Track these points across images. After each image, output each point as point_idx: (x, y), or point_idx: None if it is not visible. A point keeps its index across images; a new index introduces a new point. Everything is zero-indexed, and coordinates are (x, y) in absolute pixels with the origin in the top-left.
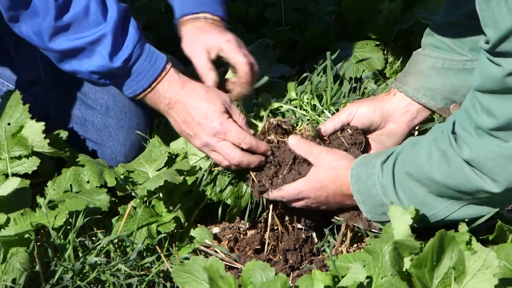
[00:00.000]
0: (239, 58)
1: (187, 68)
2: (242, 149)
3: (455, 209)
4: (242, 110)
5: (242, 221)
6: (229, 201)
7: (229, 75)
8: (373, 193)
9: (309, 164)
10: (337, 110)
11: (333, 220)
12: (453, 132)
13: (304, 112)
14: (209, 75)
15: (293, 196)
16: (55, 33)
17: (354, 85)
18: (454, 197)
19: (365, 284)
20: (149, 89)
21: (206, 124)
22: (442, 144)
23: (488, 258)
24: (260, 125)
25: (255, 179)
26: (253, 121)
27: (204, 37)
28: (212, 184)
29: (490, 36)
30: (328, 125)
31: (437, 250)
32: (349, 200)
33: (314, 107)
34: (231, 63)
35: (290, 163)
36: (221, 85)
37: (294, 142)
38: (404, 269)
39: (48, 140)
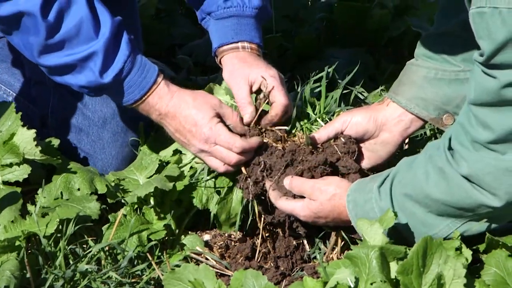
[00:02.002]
0: (280, 98)
1: (180, 74)
2: None
3: (456, 227)
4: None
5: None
6: (215, 211)
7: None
8: (371, 217)
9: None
10: (330, 119)
11: (324, 227)
12: (449, 148)
13: (298, 124)
14: (248, 109)
15: (289, 213)
16: (45, 51)
17: (345, 91)
18: (454, 215)
19: (352, 285)
20: (140, 101)
21: (197, 131)
22: (438, 161)
23: (457, 267)
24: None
25: (246, 173)
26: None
27: (248, 70)
28: (199, 192)
29: (484, 48)
30: (322, 133)
31: (422, 256)
32: (348, 224)
33: (307, 115)
34: (270, 99)
35: (282, 168)
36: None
37: (288, 183)
38: (390, 275)
39: (39, 148)
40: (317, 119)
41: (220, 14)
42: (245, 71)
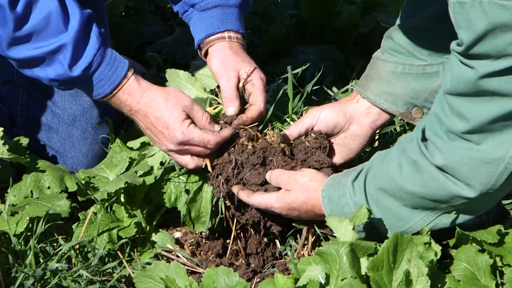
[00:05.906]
0: (259, 104)
1: (149, 71)
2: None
3: (431, 219)
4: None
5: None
6: (184, 211)
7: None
8: (346, 212)
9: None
10: (299, 118)
11: (294, 224)
12: (423, 140)
13: (269, 123)
14: (233, 103)
15: (263, 208)
16: (14, 43)
17: (315, 88)
18: (429, 207)
19: (323, 281)
20: (110, 95)
21: (169, 134)
22: (412, 153)
23: (420, 266)
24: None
25: (212, 172)
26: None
27: (241, 64)
28: (168, 191)
29: (463, 38)
30: (293, 130)
31: (393, 252)
32: (321, 218)
33: (276, 116)
34: (250, 100)
35: (253, 165)
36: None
37: (268, 175)
38: (361, 271)
39: (7, 146)
40: (286, 119)
41: (205, 5)
42: (238, 65)
